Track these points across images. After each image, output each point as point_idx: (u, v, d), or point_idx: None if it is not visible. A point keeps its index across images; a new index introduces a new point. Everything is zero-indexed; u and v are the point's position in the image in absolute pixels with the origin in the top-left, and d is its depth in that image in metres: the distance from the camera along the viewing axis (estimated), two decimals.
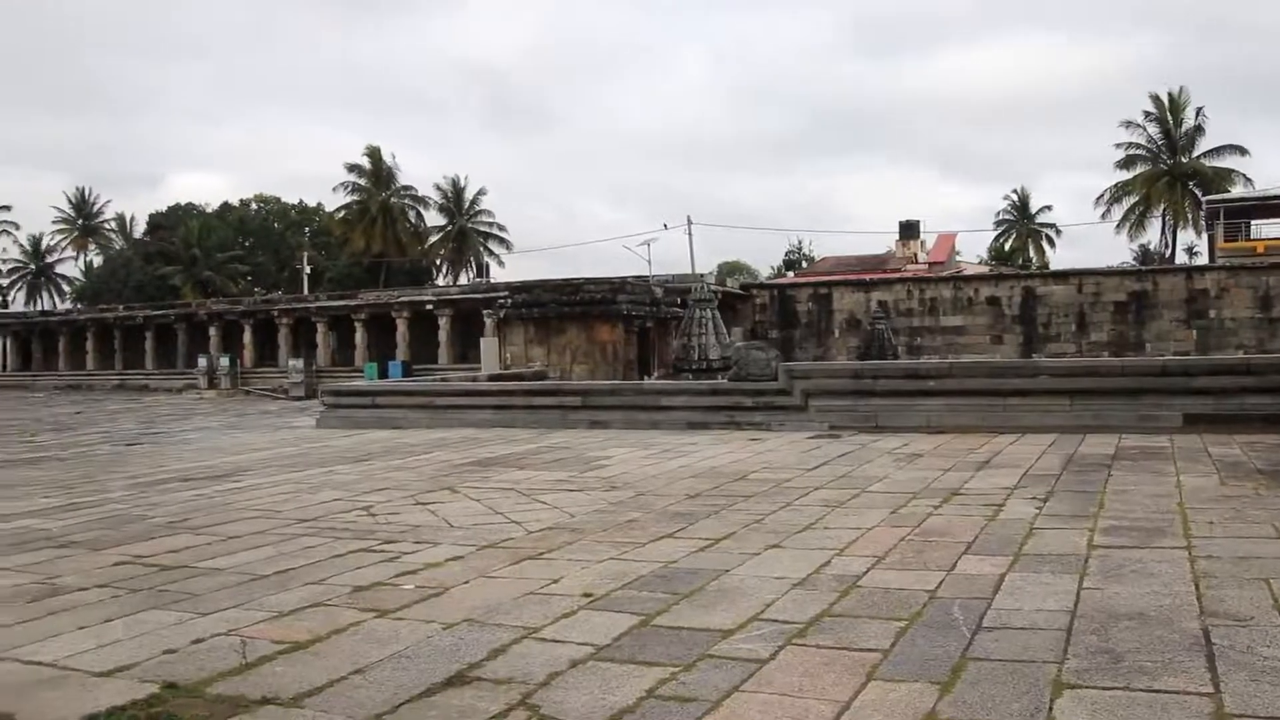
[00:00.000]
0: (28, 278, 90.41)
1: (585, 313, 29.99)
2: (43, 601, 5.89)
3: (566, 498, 9.27)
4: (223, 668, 4.49)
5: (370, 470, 11.92)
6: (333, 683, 4.24)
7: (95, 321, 52.17)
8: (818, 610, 5.10)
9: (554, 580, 5.95)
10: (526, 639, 4.78)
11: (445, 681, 4.21)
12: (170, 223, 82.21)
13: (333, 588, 5.93)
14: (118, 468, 13.52)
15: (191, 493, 10.48)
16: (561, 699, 3.97)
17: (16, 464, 14.72)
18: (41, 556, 7.27)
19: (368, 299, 44.08)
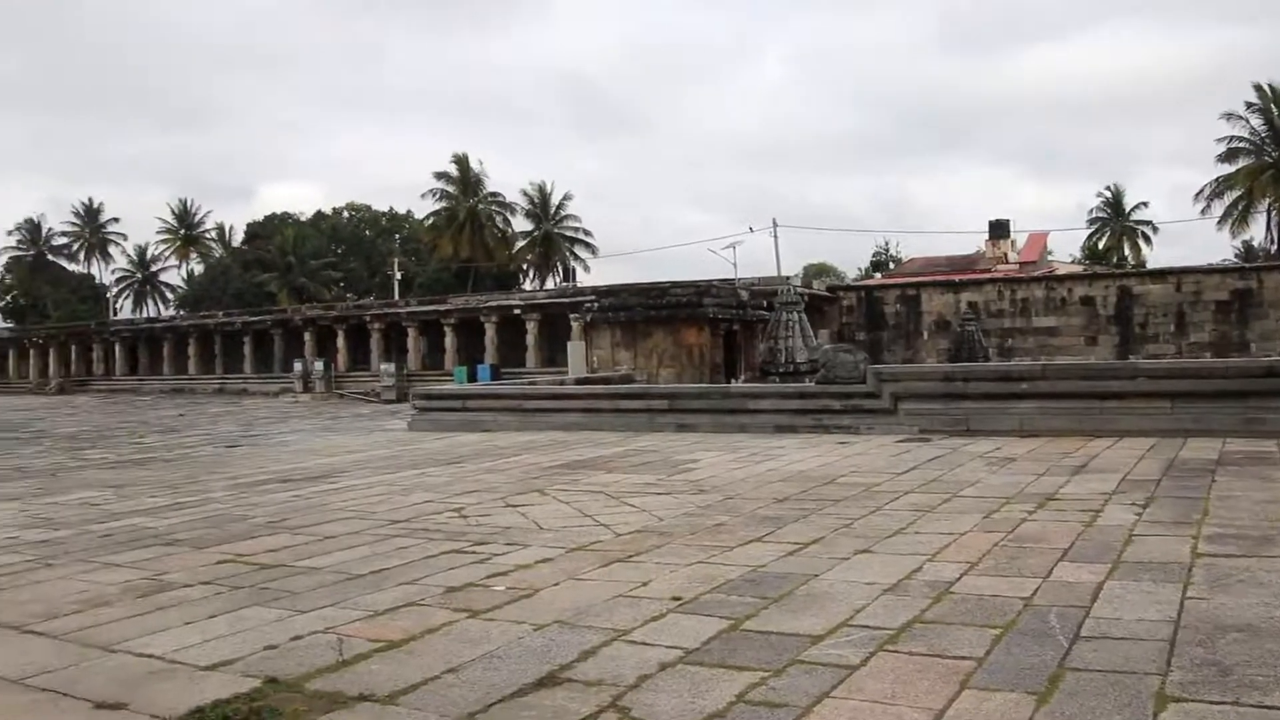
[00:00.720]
0: (135, 286, 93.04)
1: (671, 316, 29.98)
2: (151, 597, 6.08)
3: (654, 501, 9.29)
4: (321, 664, 4.59)
5: (461, 472, 12.06)
6: (426, 681, 4.31)
7: (197, 328, 53.57)
8: (909, 616, 5.05)
9: (643, 583, 5.97)
10: (616, 641, 4.81)
11: (536, 682, 4.25)
12: (267, 232, 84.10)
13: (426, 588, 6.02)
14: (219, 469, 13.86)
15: (289, 494, 10.71)
16: (651, 701, 3.98)
17: (126, 465, 15.18)
18: (150, 554, 7.50)
19: (457, 304, 44.65)
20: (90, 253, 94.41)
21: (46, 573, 7.01)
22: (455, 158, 75.20)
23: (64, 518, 9.57)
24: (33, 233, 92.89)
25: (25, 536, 8.54)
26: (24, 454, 17.90)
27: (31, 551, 7.80)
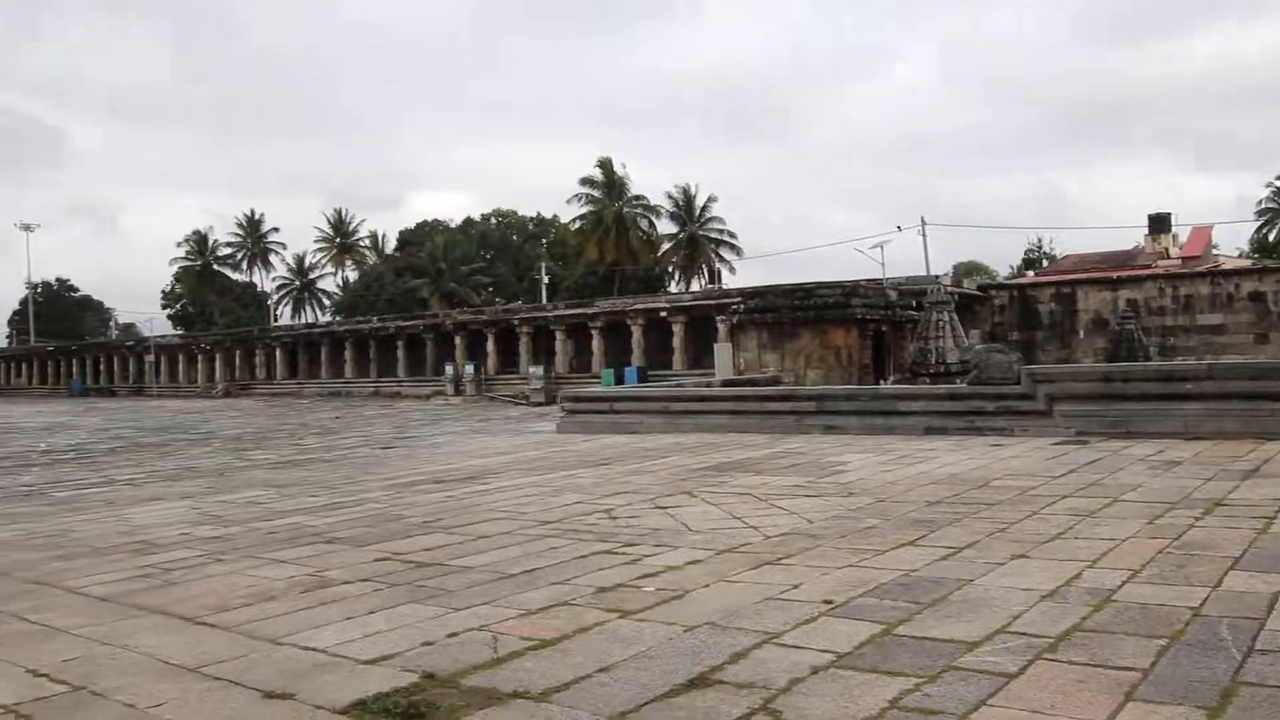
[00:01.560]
0: (294, 293, 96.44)
1: (818, 317, 29.71)
2: (314, 592, 6.30)
3: (804, 503, 9.23)
4: (476, 661, 4.69)
5: (609, 474, 12.17)
6: (579, 680, 4.36)
7: (352, 333, 55.21)
8: (1069, 624, 4.91)
9: (793, 586, 5.94)
10: (767, 644, 4.79)
11: (688, 683, 4.27)
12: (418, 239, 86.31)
13: (577, 588, 6.09)
14: (375, 470, 14.27)
15: (443, 494, 10.96)
16: (804, 705, 3.96)
17: (288, 465, 15.75)
18: (311, 551, 7.77)
19: (603, 307, 45.06)
20: (252, 262, 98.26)
21: (217, 567, 7.32)
22: (600, 162, 76.01)
23: (232, 515, 9.99)
24: (200, 244, 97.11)
25: (197, 533, 8.94)
26: (193, 454, 18.72)
27: (203, 547, 8.16)
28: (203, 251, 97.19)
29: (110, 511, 10.74)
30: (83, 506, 11.31)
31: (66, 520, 10.15)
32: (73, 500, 11.97)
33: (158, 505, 11.09)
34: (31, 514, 10.80)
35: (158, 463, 17.06)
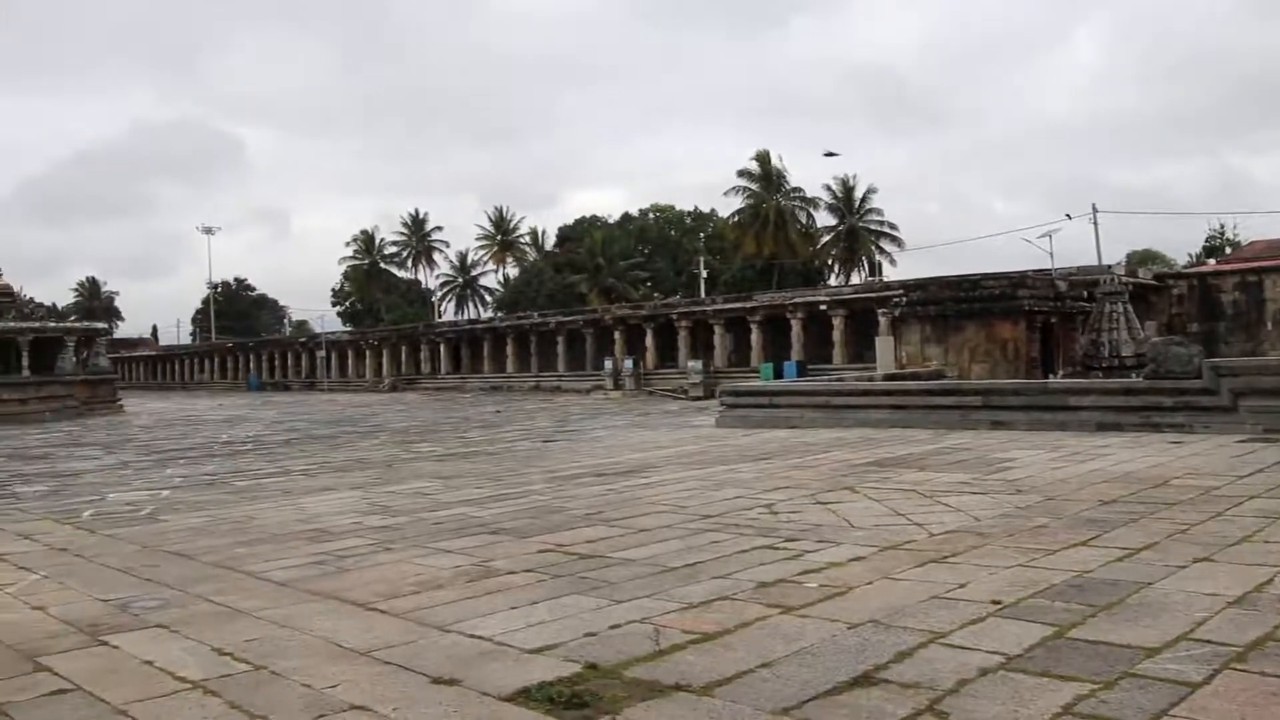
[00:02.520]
0: (457, 290, 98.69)
1: (984, 310, 28.99)
2: (479, 582, 6.43)
3: (969, 500, 9.01)
4: (638, 653, 4.71)
5: (770, 468, 12.11)
6: (741, 674, 4.34)
7: (514, 328, 56.19)
8: (1259, 633, 4.66)
9: (960, 585, 5.80)
10: (933, 643, 4.69)
11: (851, 681, 4.21)
12: (576, 235, 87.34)
13: (738, 582, 6.07)
14: (537, 462, 14.50)
15: (603, 487, 11.07)
16: (971, 708, 3.86)
17: (452, 458, 16.14)
18: (477, 541, 7.94)
19: (762, 300, 44.82)
20: (417, 260, 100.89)
21: (386, 556, 7.54)
22: (757, 155, 75.56)
23: (400, 506, 10.27)
24: (367, 243, 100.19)
25: (367, 522, 9.23)
26: (363, 446, 19.32)
27: (373, 536, 8.41)
28: (370, 250, 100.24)
29: (287, 500, 11.17)
30: (261, 495, 11.79)
31: (247, 508, 10.61)
32: (252, 489, 12.49)
33: (330, 495, 11.49)
34: (215, 502, 11.32)
35: (330, 454, 17.67)
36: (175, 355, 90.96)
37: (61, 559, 7.99)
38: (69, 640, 5.42)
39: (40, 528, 9.75)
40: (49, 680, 4.73)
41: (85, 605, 6.28)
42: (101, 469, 16.30)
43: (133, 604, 6.23)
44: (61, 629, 5.68)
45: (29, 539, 9.05)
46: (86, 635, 5.50)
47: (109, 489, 13.17)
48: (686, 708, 3.98)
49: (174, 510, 10.68)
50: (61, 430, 28.38)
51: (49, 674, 4.82)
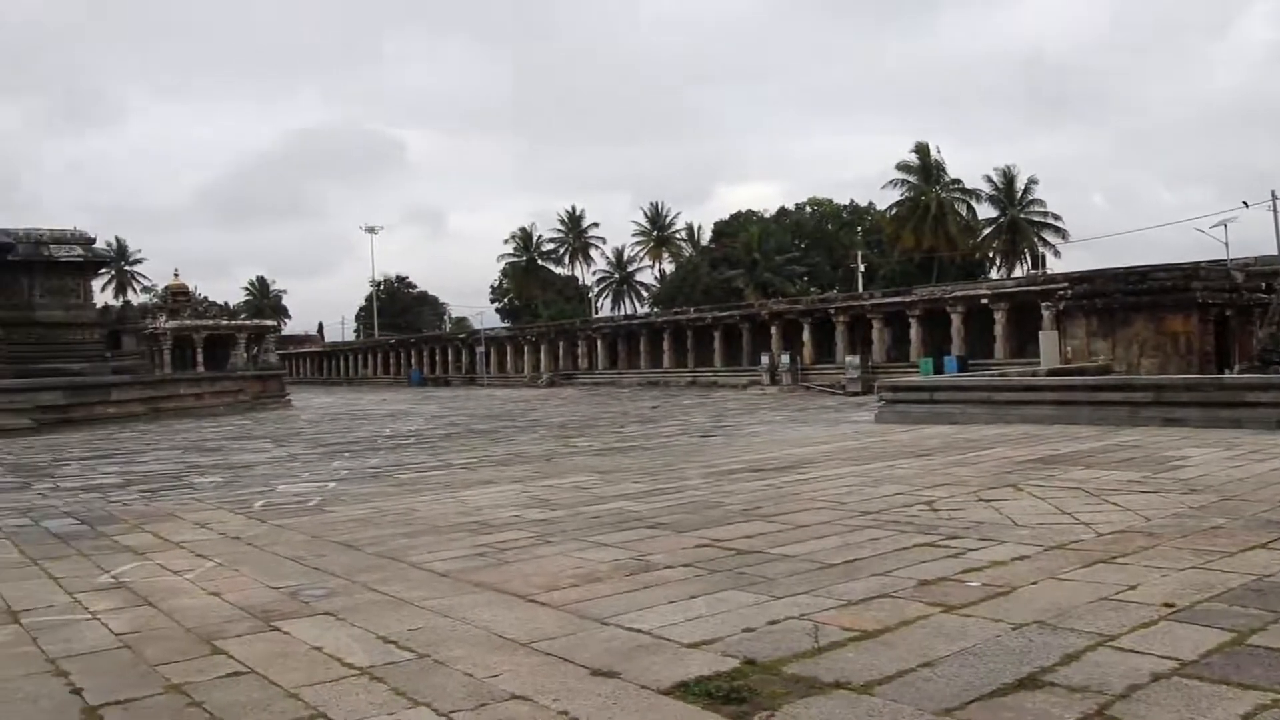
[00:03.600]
0: (613, 285, 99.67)
1: (1154, 302, 27.85)
2: (637, 576, 6.48)
3: (1139, 499, 8.68)
4: (796, 649, 4.68)
5: (930, 465, 11.88)
6: (901, 673, 4.27)
7: (670, 323, 56.47)
8: None
9: (1129, 587, 5.60)
10: (1101, 646, 4.53)
11: (1016, 683, 4.10)
12: (732, 230, 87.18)
13: (898, 580, 5.98)
14: (694, 457, 14.53)
15: (761, 482, 11.03)
16: (1143, 714, 3.72)
17: (610, 452, 16.30)
18: (634, 535, 8.00)
19: (921, 294, 44.07)
20: (574, 256, 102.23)
21: (546, 549, 7.66)
22: (916, 147, 74.30)
23: (558, 499, 10.42)
24: (525, 240, 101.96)
25: (527, 515, 9.39)
26: (521, 441, 19.65)
27: (533, 529, 8.55)
28: (528, 247, 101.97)
29: (448, 493, 11.44)
30: (423, 488, 12.10)
31: (409, 500, 10.89)
32: (415, 482, 12.83)
33: (490, 488, 11.72)
34: (379, 494, 11.66)
35: (489, 448, 18.03)
36: (340, 351, 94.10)
37: (235, 547, 8.34)
38: (243, 625, 5.66)
39: (215, 517, 10.19)
40: (225, 663, 4.94)
41: (257, 592, 6.54)
42: (271, 461, 16.96)
43: (302, 592, 6.47)
44: (236, 614, 5.93)
45: (205, 528, 9.48)
46: (259, 621, 5.73)
47: (278, 481, 13.69)
48: (846, 706, 3.94)
49: (340, 502, 11.04)
50: (233, 424, 29.61)
51: (225, 657, 5.03)
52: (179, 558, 7.94)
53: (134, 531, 9.38)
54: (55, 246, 37.41)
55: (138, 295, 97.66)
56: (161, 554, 8.13)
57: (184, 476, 14.74)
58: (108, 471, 15.88)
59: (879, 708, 3.90)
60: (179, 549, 8.36)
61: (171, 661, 4.99)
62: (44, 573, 7.54)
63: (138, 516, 10.41)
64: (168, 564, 7.67)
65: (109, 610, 6.17)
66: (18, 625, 5.89)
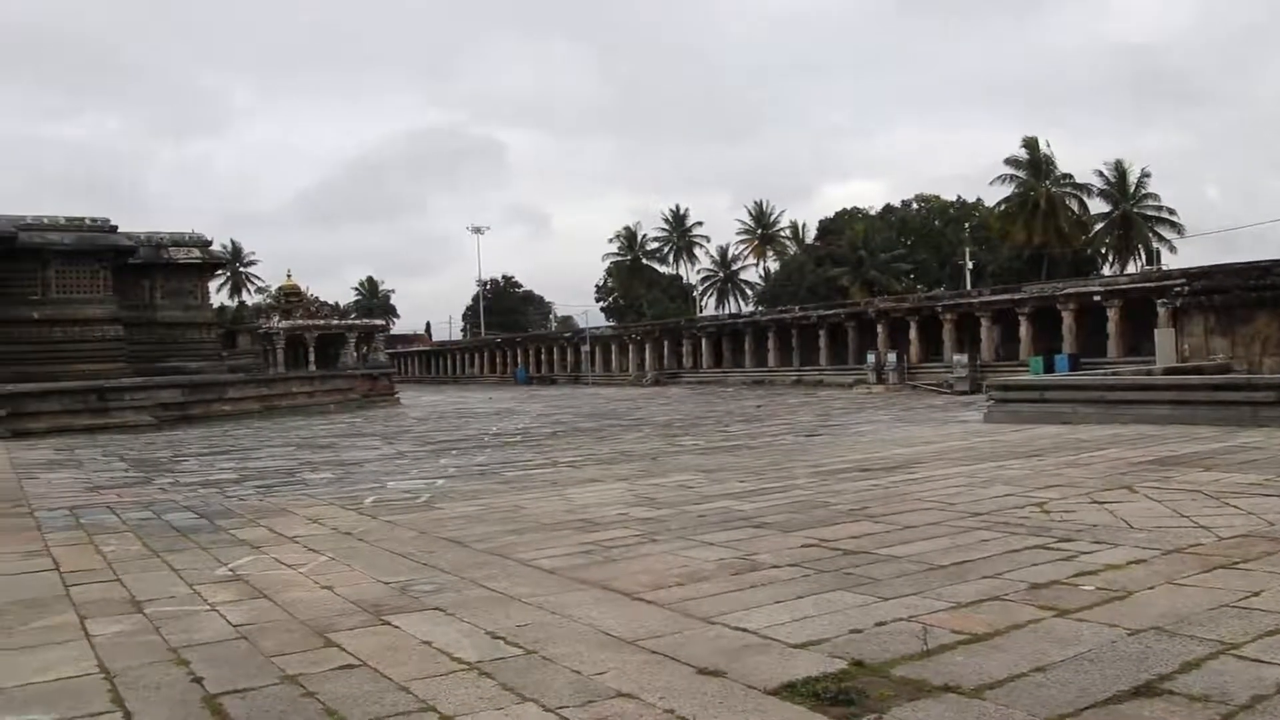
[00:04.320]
0: (717, 284, 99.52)
1: (1276, 298, 26.90)
2: (743, 575, 6.46)
3: (1263, 503, 8.39)
4: (904, 652, 4.62)
5: (1041, 466, 11.64)
6: (1013, 678, 4.19)
7: (775, 322, 56.15)
8: None
9: (1253, 593, 5.42)
10: (1223, 655, 4.40)
11: (1132, 691, 4.00)
12: (837, 227, 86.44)
13: (1009, 583, 5.87)
14: (800, 456, 14.44)
15: (867, 482, 10.91)
16: None
17: (715, 451, 16.27)
18: (740, 535, 7.98)
19: (1031, 292, 43.15)
20: (678, 255, 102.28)
21: (651, 547, 7.68)
22: (1025, 141, 72.65)
23: (664, 498, 10.44)
24: (630, 239, 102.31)
25: (632, 513, 9.42)
26: (627, 439, 19.73)
27: (639, 527, 8.58)
28: (632, 246, 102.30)
29: (554, 491, 11.53)
30: (530, 486, 12.22)
31: (516, 498, 11.01)
32: (521, 480, 12.96)
33: (596, 486, 11.79)
34: (486, 491, 11.80)
35: (594, 447, 18.13)
36: (447, 350, 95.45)
37: (346, 543, 8.52)
38: (354, 619, 5.77)
39: (327, 513, 10.42)
40: (338, 655, 5.05)
41: (368, 586, 6.67)
42: (381, 458, 17.28)
43: (411, 587, 6.58)
44: (347, 608, 6.05)
45: (317, 523, 9.69)
46: (370, 615, 5.85)
47: (388, 477, 13.95)
48: (955, 710, 3.88)
49: (448, 499, 11.20)
50: (344, 421, 30.23)
51: (338, 650, 5.14)
52: (293, 552, 8.14)
53: (249, 526, 9.64)
54: (174, 249, 38.68)
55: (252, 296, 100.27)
56: (276, 548, 8.35)
57: (297, 472, 15.10)
58: (224, 467, 16.35)
59: (990, 712, 3.84)
60: (292, 543, 8.57)
61: (286, 653, 5.12)
62: (165, 564, 7.79)
63: (253, 511, 10.70)
64: (282, 558, 7.88)
65: (226, 602, 6.35)
66: (141, 615, 6.10)
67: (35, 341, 32.79)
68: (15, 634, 5.76)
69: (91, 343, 33.70)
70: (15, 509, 11.49)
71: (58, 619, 6.08)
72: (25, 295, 33.23)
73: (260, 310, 67.97)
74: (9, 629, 5.88)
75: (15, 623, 6.02)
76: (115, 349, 34.13)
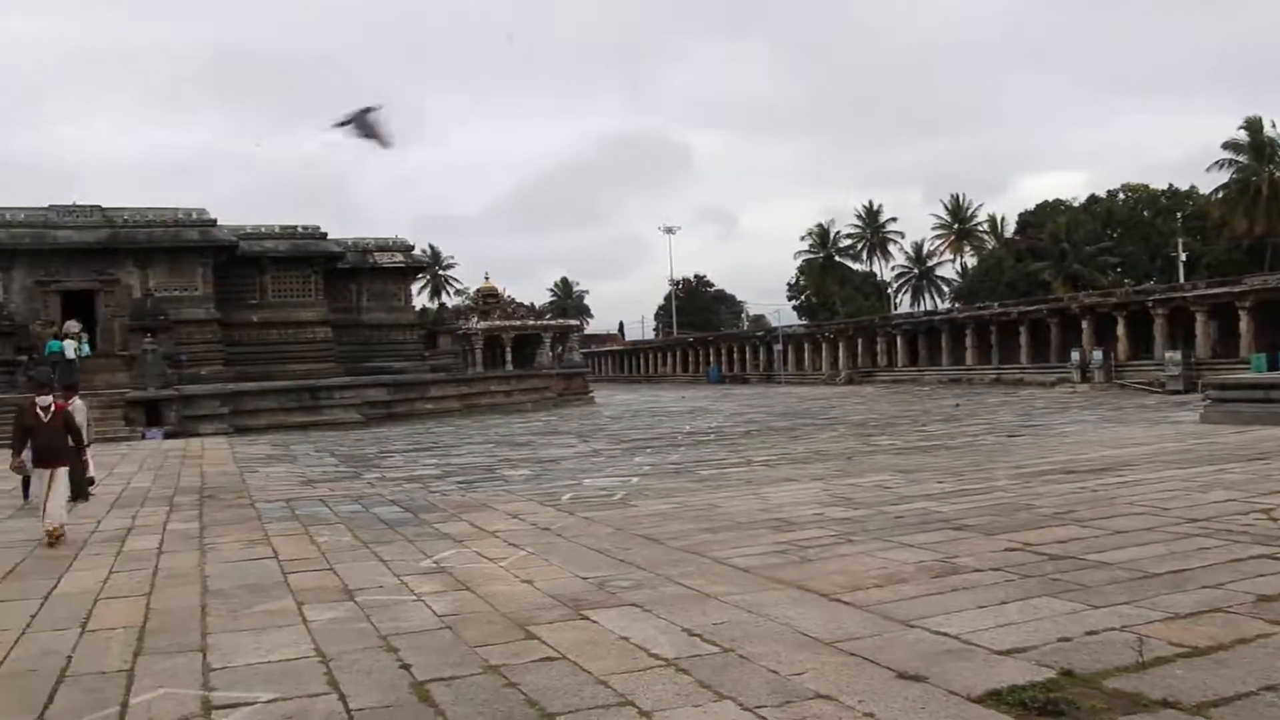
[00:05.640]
0: (911, 281, 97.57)
1: None
2: (944, 578, 6.29)
3: None
4: (1118, 663, 4.41)
5: (1267, 470, 10.97)
6: (1240, 696, 3.95)
7: (972, 319, 54.71)
8: None
9: None
10: None
11: None
12: (1037, 220, 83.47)
13: (1232, 594, 5.53)
14: (1001, 457, 14.00)
15: (1073, 485, 10.48)
16: None
17: (912, 451, 15.94)
18: (939, 536, 7.78)
19: (1253, 284, 40.77)
20: (871, 252, 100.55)
21: (847, 548, 7.56)
22: (1247, 122, 68.45)
23: (860, 498, 10.27)
24: (822, 237, 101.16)
25: (828, 513, 9.30)
26: (821, 439, 19.50)
27: (834, 528, 8.46)
28: (824, 244, 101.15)
29: (748, 490, 11.49)
30: (724, 484, 12.20)
31: (710, 496, 11.01)
32: (715, 478, 12.95)
33: (790, 486, 11.69)
34: (680, 489, 11.84)
35: (788, 446, 17.99)
36: (639, 349, 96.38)
37: (544, 538, 8.67)
38: (553, 613, 5.86)
39: (526, 508, 10.64)
40: (538, 648, 5.14)
41: (566, 581, 6.77)
42: (577, 456, 17.55)
43: (608, 582, 6.65)
44: (546, 602, 6.16)
45: (516, 518, 9.90)
46: (569, 609, 5.93)
47: (584, 474, 14.15)
48: None
49: (643, 496, 11.28)
50: (540, 419, 30.84)
51: (538, 642, 5.23)
52: (493, 546, 8.33)
53: (452, 520, 9.92)
54: (379, 254, 40.24)
55: (451, 298, 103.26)
56: (477, 542, 8.57)
57: (496, 469, 15.47)
58: (427, 463, 16.89)
59: None
60: (493, 537, 8.78)
61: (489, 644, 5.24)
62: (374, 555, 8.09)
63: (455, 506, 11.02)
64: (483, 551, 8.08)
65: (431, 593, 6.55)
66: (353, 602, 6.35)
67: (254, 343, 34.79)
68: (241, 617, 6.10)
69: (304, 344, 35.51)
70: (238, 500, 12.15)
71: (277, 604, 6.40)
72: (245, 299, 35.34)
73: (459, 312, 70.00)
74: (235, 612, 6.22)
75: (240, 606, 6.37)
76: (326, 350, 35.81)
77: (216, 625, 5.89)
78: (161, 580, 7.39)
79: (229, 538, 9.25)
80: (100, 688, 4.79)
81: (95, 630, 5.92)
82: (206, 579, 7.36)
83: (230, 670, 4.97)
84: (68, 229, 31.71)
